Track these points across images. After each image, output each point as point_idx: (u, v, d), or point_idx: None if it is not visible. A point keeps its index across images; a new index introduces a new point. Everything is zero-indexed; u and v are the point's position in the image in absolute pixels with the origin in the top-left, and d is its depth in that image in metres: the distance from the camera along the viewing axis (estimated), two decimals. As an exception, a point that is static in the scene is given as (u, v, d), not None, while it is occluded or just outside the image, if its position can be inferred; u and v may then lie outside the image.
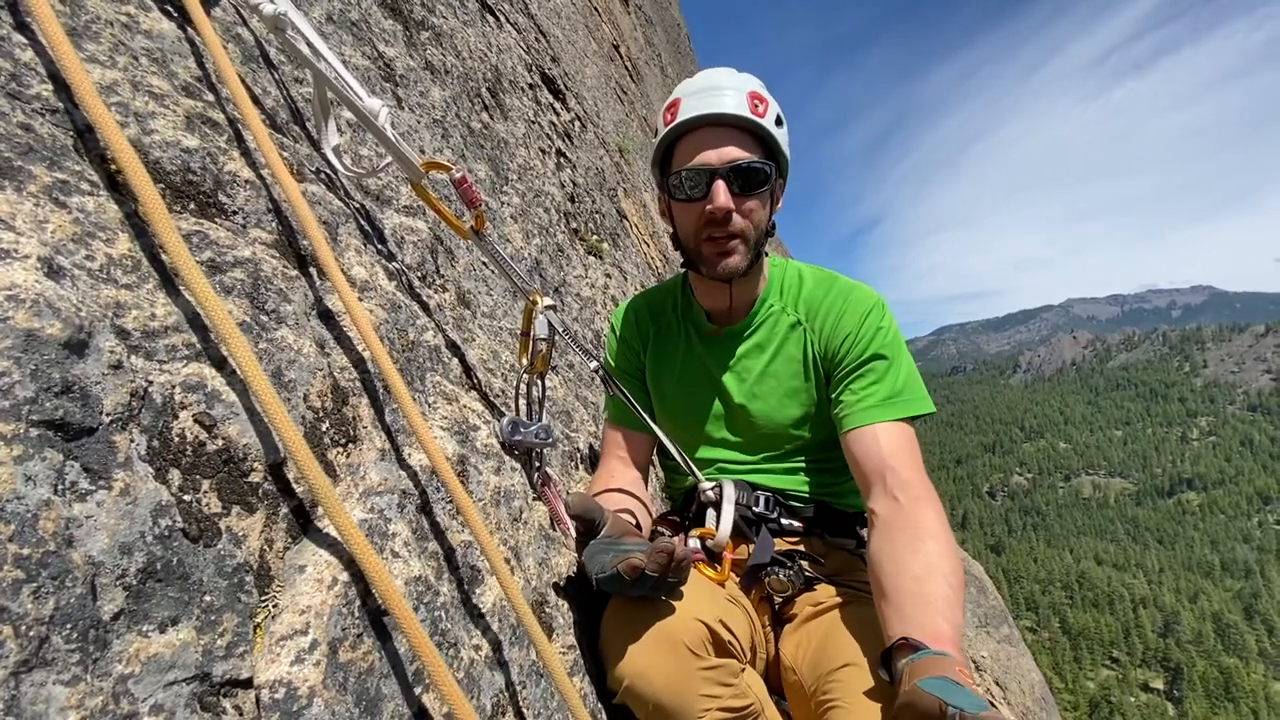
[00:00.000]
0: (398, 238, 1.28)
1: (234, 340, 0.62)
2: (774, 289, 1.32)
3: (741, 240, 1.17)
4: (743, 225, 1.16)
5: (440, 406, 1.07)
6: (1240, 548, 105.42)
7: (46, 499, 0.47)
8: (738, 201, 1.14)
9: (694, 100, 1.16)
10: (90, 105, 0.63)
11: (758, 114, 1.13)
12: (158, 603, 0.53)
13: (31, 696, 0.42)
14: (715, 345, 1.35)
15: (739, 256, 1.18)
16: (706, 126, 1.15)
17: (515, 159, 2.35)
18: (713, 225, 1.16)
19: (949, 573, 0.97)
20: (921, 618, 0.91)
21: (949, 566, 0.98)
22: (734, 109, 1.13)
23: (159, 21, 0.90)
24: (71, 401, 0.52)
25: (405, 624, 0.62)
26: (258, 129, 0.81)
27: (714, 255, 1.18)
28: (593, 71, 5.23)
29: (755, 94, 1.15)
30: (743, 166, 1.13)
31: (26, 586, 0.44)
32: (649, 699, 0.95)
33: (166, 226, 0.62)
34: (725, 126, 1.14)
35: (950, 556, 1.00)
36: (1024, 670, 4.79)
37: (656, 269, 4.08)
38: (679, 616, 1.00)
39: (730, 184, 1.13)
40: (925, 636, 0.88)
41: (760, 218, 1.18)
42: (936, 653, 0.85)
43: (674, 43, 14.74)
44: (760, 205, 1.17)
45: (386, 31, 1.74)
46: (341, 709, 0.62)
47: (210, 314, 0.62)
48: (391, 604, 0.62)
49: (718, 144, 1.14)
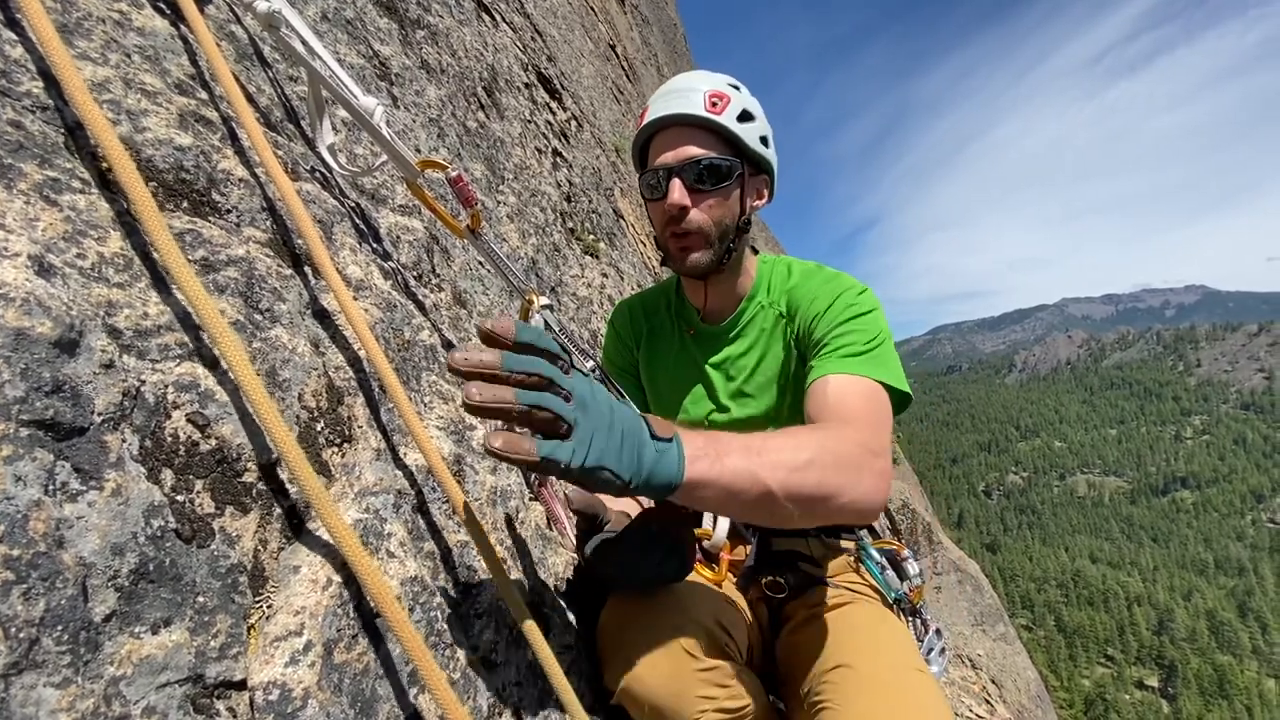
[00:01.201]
0: (393, 237, 1.28)
1: (225, 340, 0.62)
2: (762, 286, 1.32)
3: (701, 236, 1.17)
4: (701, 221, 1.16)
5: (436, 406, 1.07)
6: (1234, 545, 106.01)
7: (37, 499, 0.47)
8: (696, 198, 1.15)
9: (658, 103, 1.19)
10: (80, 102, 0.62)
11: (714, 112, 1.14)
12: (150, 604, 0.52)
13: (22, 699, 0.42)
14: (705, 344, 1.35)
15: (700, 253, 1.18)
16: (669, 127, 1.18)
17: (511, 158, 2.35)
18: (673, 222, 1.17)
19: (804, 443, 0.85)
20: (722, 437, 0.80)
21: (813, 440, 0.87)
22: (689, 109, 1.14)
23: (152, 19, 0.89)
24: (62, 401, 0.51)
25: (398, 627, 0.61)
26: (251, 126, 0.81)
27: (677, 251, 1.20)
28: (589, 71, 5.22)
29: (715, 92, 1.15)
30: (699, 163, 1.14)
31: (16, 588, 0.44)
32: (646, 700, 0.95)
33: (158, 225, 0.62)
34: (684, 126, 1.16)
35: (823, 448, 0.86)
36: (1020, 668, 4.80)
37: (653, 269, 4.08)
38: (676, 618, 1.00)
39: (687, 181, 1.14)
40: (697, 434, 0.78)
41: (722, 214, 1.17)
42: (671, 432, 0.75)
43: (670, 43, 14.75)
44: (721, 201, 1.16)
45: (382, 30, 1.74)
46: (336, 710, 0.61)
47: (201, 313, 0.62)
48: (384, 607, 0.62)
49: (676, 143, 1.16)
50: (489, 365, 0.63)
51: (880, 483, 0.91)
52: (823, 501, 0.84)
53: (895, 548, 1.35)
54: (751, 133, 1.17)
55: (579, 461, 0.64)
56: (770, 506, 0.80)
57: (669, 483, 0.71)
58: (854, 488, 0.86)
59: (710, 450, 0.75)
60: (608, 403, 0.70)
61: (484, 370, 0.62)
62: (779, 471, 0.79)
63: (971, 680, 4.19)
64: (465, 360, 0.62)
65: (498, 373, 0.63)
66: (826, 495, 0.84)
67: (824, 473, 0.83)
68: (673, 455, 0.72)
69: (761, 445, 0.81)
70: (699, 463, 0.73)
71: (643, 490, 0.71)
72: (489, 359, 0.63)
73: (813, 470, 0.82)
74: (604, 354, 1.52)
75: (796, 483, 0.80)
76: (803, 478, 0.81)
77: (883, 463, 0.94)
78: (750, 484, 0.77)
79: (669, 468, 0.71)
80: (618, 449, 0.67)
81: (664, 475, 0.71)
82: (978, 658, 4.41)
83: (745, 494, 0.77)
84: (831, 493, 0.84)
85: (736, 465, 0.76)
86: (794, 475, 0.80)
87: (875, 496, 0.89)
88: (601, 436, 0.67)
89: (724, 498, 0.76)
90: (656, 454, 0.70)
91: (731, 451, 0.77)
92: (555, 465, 0.63)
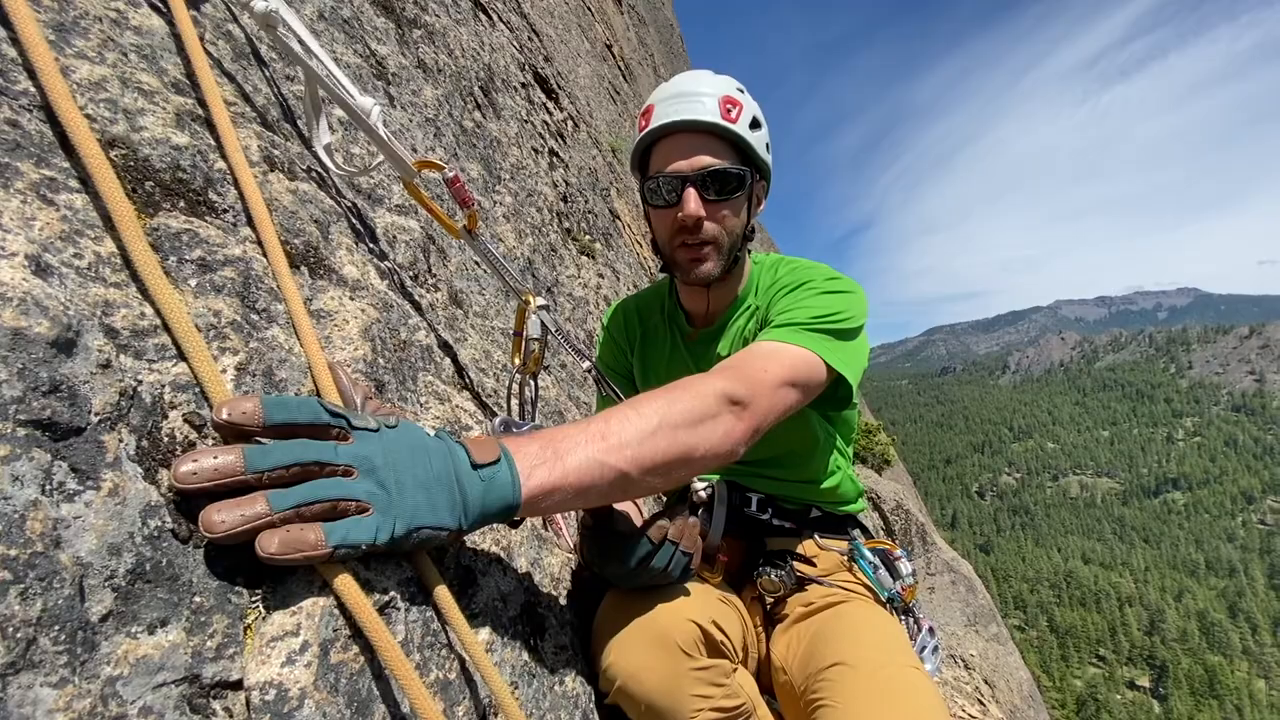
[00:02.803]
0: (389, 237, 1.28)
1: (191, 341, 0.61)
2: (751, 287, 1.32)
3: (714, 247, 1.16)
4: (715, 231, 1.14)
5: (432, 406, 1.07)
6: (1224, 547, 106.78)
7: (34, 499, 0.47)
8: (710, 208, 1.13)
9: (666, 106, 1.15)
10: (61, 104, 0.62)
11: (730, 119, 1.11)
12: (147, 604, 0.52)
13: (19, 699, 0.42)
14: (695, 347, 1.36)
15: (712, 263, 1.16)
16: (679, 133, 1.14)
17: (508, 158, 2.35)
18: (685, 232, 1.15)
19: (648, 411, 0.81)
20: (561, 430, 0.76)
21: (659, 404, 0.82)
22: (706, 115, 1.11)
23: (148, 18, 0.89)
24: (59, 401, 0.51)
25: (374, 635, 0.61)
26: (224, 126, 0.81)
27: (688, 261, 1.18)
28: (586, 71, 5.22)
29: (728, 98, 1.12)
30: (715, 173, 1.11)
31: (13, 588, 0.44)
32: (641, 699, 0.96)
33: (130, 224, 0.62)
34: (697, 133, 1.13)
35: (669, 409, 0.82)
36: (1012, 668, 4.83)
37: (649, 269, 4.09)
38: (671, 617, 1.00)
39: (702, 191, 1.11)
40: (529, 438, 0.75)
41: (734, 224, 1.16)
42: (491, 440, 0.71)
43: (667, 43, 14.76)
44: (734, 211, 1.15)
45: (379, 29, 1.73)
46: (333, 710, 0.61)
47: (167, 314, 0.61)
48: (360, 614, 0.61)
49: (690, 151, 1.12)
50: (227, 473, 0.50)
51: (738, 424, 0.88)
52: (678, 464, 0.81)
53: (888, 548, 1.36)
54: (760, 140, 1.16)
55: (386, 535, 0.56)
56: (627, 487, 0.77)
57: (506, 506, 0.66)
58: (706, 440, 0.84)
59: (547, 454, 0.71)
60: (408, 448, 0.61)
61: (222, 482, 0.50)
62: (626, 450, 0.75)
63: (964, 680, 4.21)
64: (194, 474, 0.49)
65: (244, 479, 0.51)
66: (679, 456, 0.81)
67: (673, 434, 0.80)
68: (504, 477, 0.66)
69: (603, 428, 0.76)
70: (537, 471, 0.69)
71: (481, 524, 0.66)
72: (225, 464, 0.50)
73: (661, 435, 0.79)
74: (598, 356, 1.53)
75: (647, 454, 0.77)
76: (652, 447, 0.77)
77: (746, 407, 0.90)
78: (600, 473, 0.73)
79: (502, 491, 0.65)
80: (430, 501, 0.60)
81: (497, 501, 0.65)
82: (971, 658, 4.43)
83: (598, 484, 0.73)
84: (683, 453, 0.81)
85: (580, 460, 0.72)
86: (642, 449, 0.76)
87: (732, 440, 0.87)
88: (410, 495, 0.59)
89: (576, 495, 0.72)
90: (483, 483, 0.64)
91: (573, 447, 0.72)
92: (356, 550, 0.55)
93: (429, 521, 0.60)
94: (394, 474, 0.59)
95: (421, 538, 0.60)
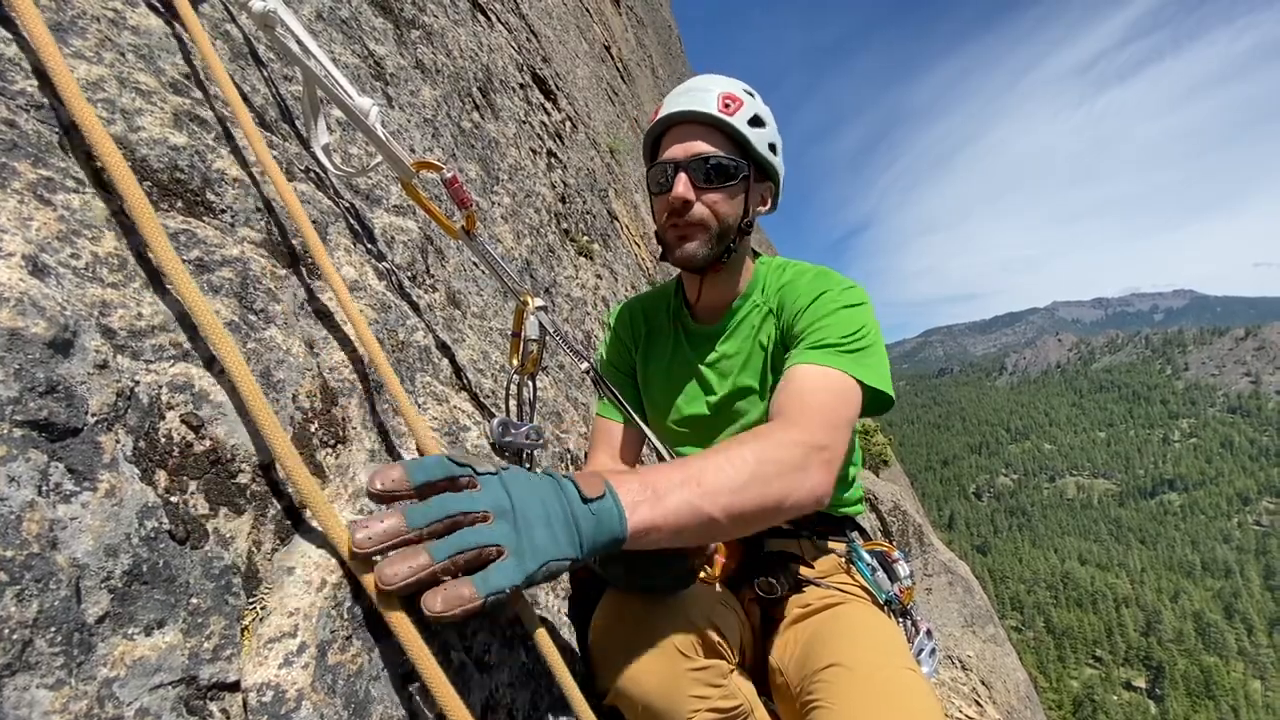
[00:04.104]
0: (388, 237, 1.27)
1: (221, 341, 0.62)
2: (758, 286, 1.33)
3: (701, 228, 1.19)
4: (703, 214, 1.18)
5: (430, 407, 1.07)
6: (1220, 548, 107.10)
7: (30, 500, 0.47)
8: (701, 193, 1.17)
9: (674, 99, 1.23)
10: (72, 102, 0.62)
11: (727, 113, 1.16)
12: (143, 605, 0.52)
13: (15, 701, 0.42)
14: (700, 343, 1.36)
15: (697, 243, 1.20)
16: (679, 124, 1.21)
17: (506, 159, 2.34)
18: (675, 214, 1.19)
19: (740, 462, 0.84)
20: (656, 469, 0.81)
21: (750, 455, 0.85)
22: (701, 106, 1.17)
23: (146, 17, 0.89)
24: (56, 402, 0.51)
25: (398, 627, 0.61)
26: (248, 126, 0.81)
27: (675, 240, 1.22)
28: (584, 72, 5.22)
29: (728, 94, 1.18)
30: (706, 159, 1.16)
31: (10, 589, 0.43)
32: (639, 700, 0.96)
33: (153, 225, 0.62)
34: (695, 124, 1.19)
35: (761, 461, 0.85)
36: (1009, 669, 4.84)
37: (647, 270, 4.09)
38: (669, 618, 1.00)
39: (693, 176, 1.17)
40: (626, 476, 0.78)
41: (726, 210, 1.19)
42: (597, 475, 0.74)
43: (665, 44, 14.77)
44: (726, 199, 1.19)
45: (377, 30, 1.73)
46: (330, 711, 0.61)
47: (196, 314, 0.62)
48: (383, 607, 0.62)
49: (685, 139, 1.19)
50: (394, 534, 0.58)
51: (824, 473, 0.92)
52: (769, 513, 0.85)
53: (886, 549, 1.36)
54: (761, 138, 1.20)
55: (523, 575, 0.61)
56: (716, 531, 0.81)
57: (614, 539, 0.70)
58: (796, 490, 0.87)
59: (647, 493, 0.74)
60: (528, 488, 0.66)
61: (391, 541, 0.57)
62: (720, 498, 0.79)
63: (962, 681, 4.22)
64: (369, 539, 0.57)
65: (407, 537, 0.58)
66: (770, 507, 0.84)
67: (765, 486, 0.84)
68: (612, 511, 0.70)
69: (699, 474, 0.79)
70: (640, 509, 0.72)
71: (592, 555, 0.69)
72: (392, 526, 0.58)
73: (753, 487, 0.82)
74: (601, 355, 1.53)
75: (739, 504, 0.80)
76: (744, 498, 0.81)
77: (828, 453, 0.93)
78: (693, 517, 0.77)
79: (610, 525, 0.69)
80: (553, 536, 0.64)
81: (606, 534, 0.69)
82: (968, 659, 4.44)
83: (690, 527, 0.77)
84: (774, 503, 0.85)
85: (677, 502, 0.75)
86: (735, 498, 0.80)
87: (819, 491, 0.91)
88: (537, 532, 0.63)
89: (670, 535, 0.76)
90: (594, 516, 0.68)
91: (670, 489, 0.76)
92: (503, 594, 0.59)
93: (555, 555, 0.64)
94: (522, 514, 0.64)
95: (549, 570, 0.64)
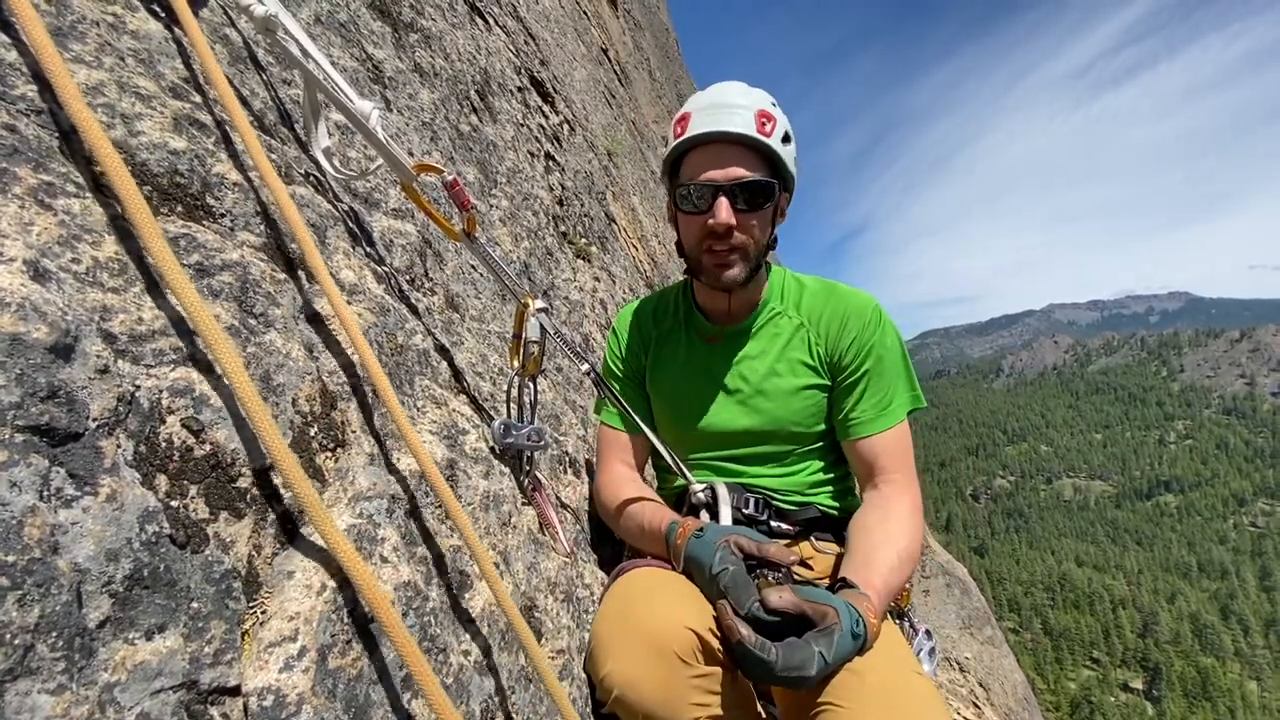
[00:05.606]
0: (386, 241, 1.28)
1: (220, 345, 0.62)
2: (775, 293, 1.35)
3: (741, 254, 1.20)
4: (743, 240, 1.18)
5: (429, 410, 1.07)
6: (1216, 549, 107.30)
7: (32, 505, 0.47)
8: (740, 218, 1.16)
9: (703, 116, 1.18)
10: (72, 106, 0.62)
11: (765, 133, 1.15)
12: (144, 610, 0.52)
13: (16, 706, 0.42)
14: (717, 347, 1.37)
15: (738, 269, 1.20)
16: (714, 143, 1.17)
17: (504, 162, 2.35)
18: (714, 238, 1.18)
19: (901, 548, 1.12)
20: (863, 571, 1.07)
21: (904, 544, 1.14)
22: (741, 128, 1.14)
23: (146, 22, 0.89)
24: (57, 406, 0.51)
25: (393, 632, 0.62)
26: (246, 130, 0.81)
27: (714, 267, 1.21)
28: (581, 75, 5.23)
29: (764, 113, 1.16)
30: (747, 184, 1.15)
31: (11, 594, 0.43)
32: (639, 707, 0.95)
33: (152, 230, 0.62)
34: (732, 144, 1.16)
35: (907, 535, 1.15)
36: (1007, 671, 4.84)
37: (645, 272, 4.09)
38: (669, 624, 1.00)
39: (733, 200, 1.15)
40: (858, 580, 1.04)
41: (761, 234, 1.20)
42: (856, 588, 1.02)
43: (662, 47, 14.79)
44: (761, 222, 1.19)
45: (375, 33, 1.74)
46: (330, 715, 0.61)
47: (196, 318, 0.62)
48: (379, 611, 0.62)
49: (723, 161, 1.16)
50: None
51: (920, 515, 1.22)
52: (910, 575, 1.15)
53: (885, 552, 1.37)
54: (790, 155, 1.20)
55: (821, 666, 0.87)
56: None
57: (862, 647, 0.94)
58: (919, 545, 1.17)
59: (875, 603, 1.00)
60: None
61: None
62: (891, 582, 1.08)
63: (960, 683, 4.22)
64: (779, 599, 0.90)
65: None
66: (911, 570, 1.14)
67: (910, 561, 1.13)
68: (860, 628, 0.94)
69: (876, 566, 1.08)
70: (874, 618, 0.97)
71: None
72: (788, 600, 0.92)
73: (906, 566, 1.11)
74: (608, 359, 1.53)
75: (897, 582, 1.09)
76: (901, 577, 1.10)
77: (919, 496, 1.24)
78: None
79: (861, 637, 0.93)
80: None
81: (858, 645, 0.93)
82: (966, 661, 4.44)
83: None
84: (913, 565, 1.14)
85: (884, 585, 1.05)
86: (893, 578, 1.08)
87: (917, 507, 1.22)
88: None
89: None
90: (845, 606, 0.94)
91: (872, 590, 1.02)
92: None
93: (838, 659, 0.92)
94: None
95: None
